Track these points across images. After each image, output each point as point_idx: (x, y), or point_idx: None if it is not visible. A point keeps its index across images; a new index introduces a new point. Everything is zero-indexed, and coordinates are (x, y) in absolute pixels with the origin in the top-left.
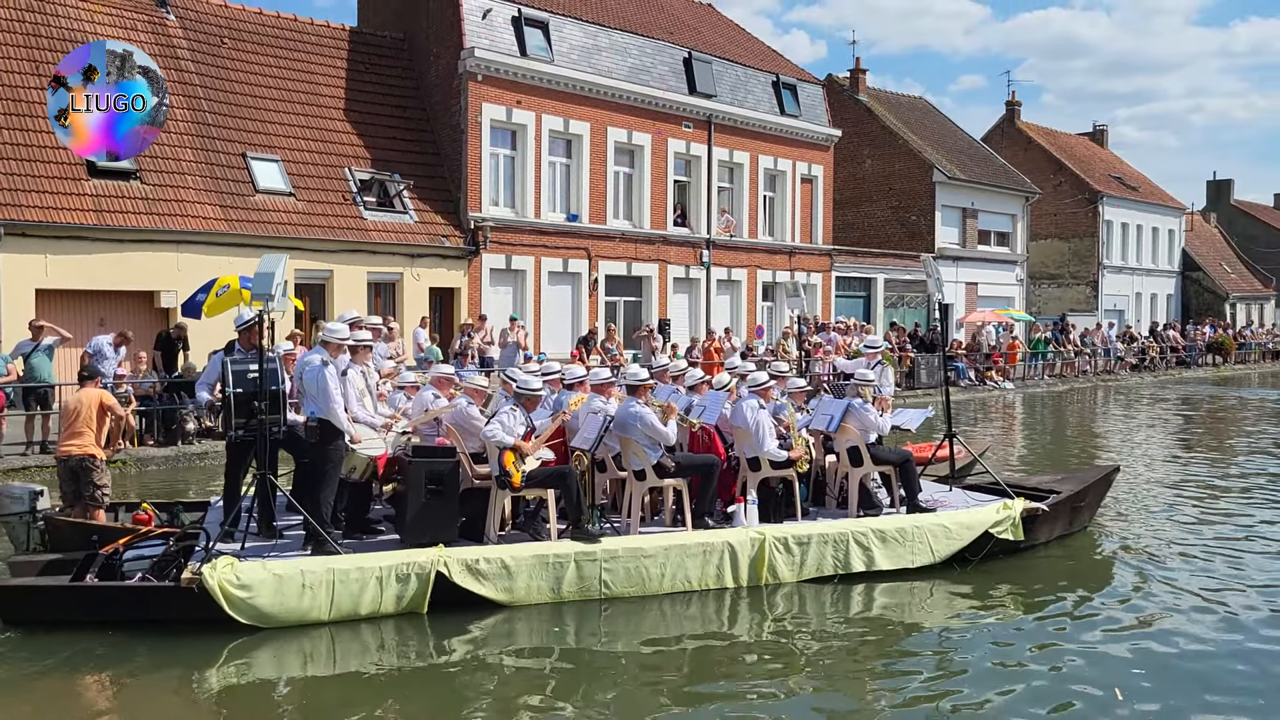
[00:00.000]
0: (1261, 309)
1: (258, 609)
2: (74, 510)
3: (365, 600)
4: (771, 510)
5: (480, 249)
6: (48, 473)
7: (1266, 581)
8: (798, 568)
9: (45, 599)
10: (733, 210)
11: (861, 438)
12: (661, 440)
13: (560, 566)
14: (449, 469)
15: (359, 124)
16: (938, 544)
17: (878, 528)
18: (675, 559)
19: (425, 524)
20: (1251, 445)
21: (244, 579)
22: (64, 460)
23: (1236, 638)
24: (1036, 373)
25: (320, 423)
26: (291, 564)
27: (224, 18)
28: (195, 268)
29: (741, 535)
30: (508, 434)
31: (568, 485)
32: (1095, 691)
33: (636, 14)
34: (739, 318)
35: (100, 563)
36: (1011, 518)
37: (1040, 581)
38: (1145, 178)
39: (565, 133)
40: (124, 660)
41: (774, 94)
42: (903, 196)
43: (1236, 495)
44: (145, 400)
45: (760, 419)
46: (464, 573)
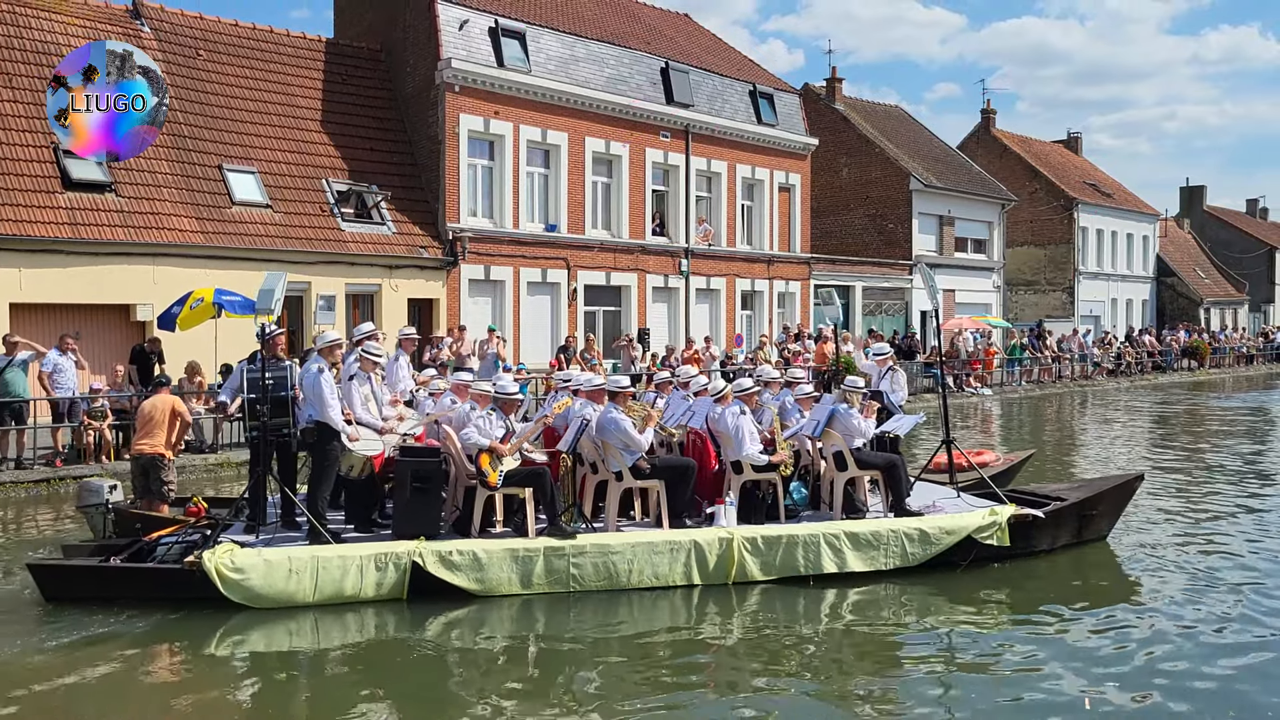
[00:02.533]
0: (1235, 314)
1: (249, 590)
2: (143, 503)
3: (347, 586)
4: (753, 512)
5: (459, 259)
6: (22, 489)
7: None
8: (768, 568)
9: (72, 578)
10: (711, 219)
11: (845, 442)
12: (634, 447)
13: (530, 560)
14: (433, 468)
15: (336, 135)
16: (914, 548)
17: (850, 530)
18: (642, 556)
19: (411, 518)
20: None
21: (238, 563)
22: (136, 458)
23: (1230, 661)
24: (1014, 379)
25: (317, 425)
26: (281, 551)
27: (199, 29)
28: (171, 281)
29: (710, 534)
30: (483, 437)
31: (543, 484)
32: (1063, 698)
33: (613, 24)
34: (718, 326)
35: (136, 548)
36: (998, 524)
37: (1025, 589)
38: (1119, 184)
39: (543, 143)
40: (129, 633)
41: (751, 103)
42: (880, 204)
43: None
44: (120, 414)
45: (741, 423)
46: (438, 563)
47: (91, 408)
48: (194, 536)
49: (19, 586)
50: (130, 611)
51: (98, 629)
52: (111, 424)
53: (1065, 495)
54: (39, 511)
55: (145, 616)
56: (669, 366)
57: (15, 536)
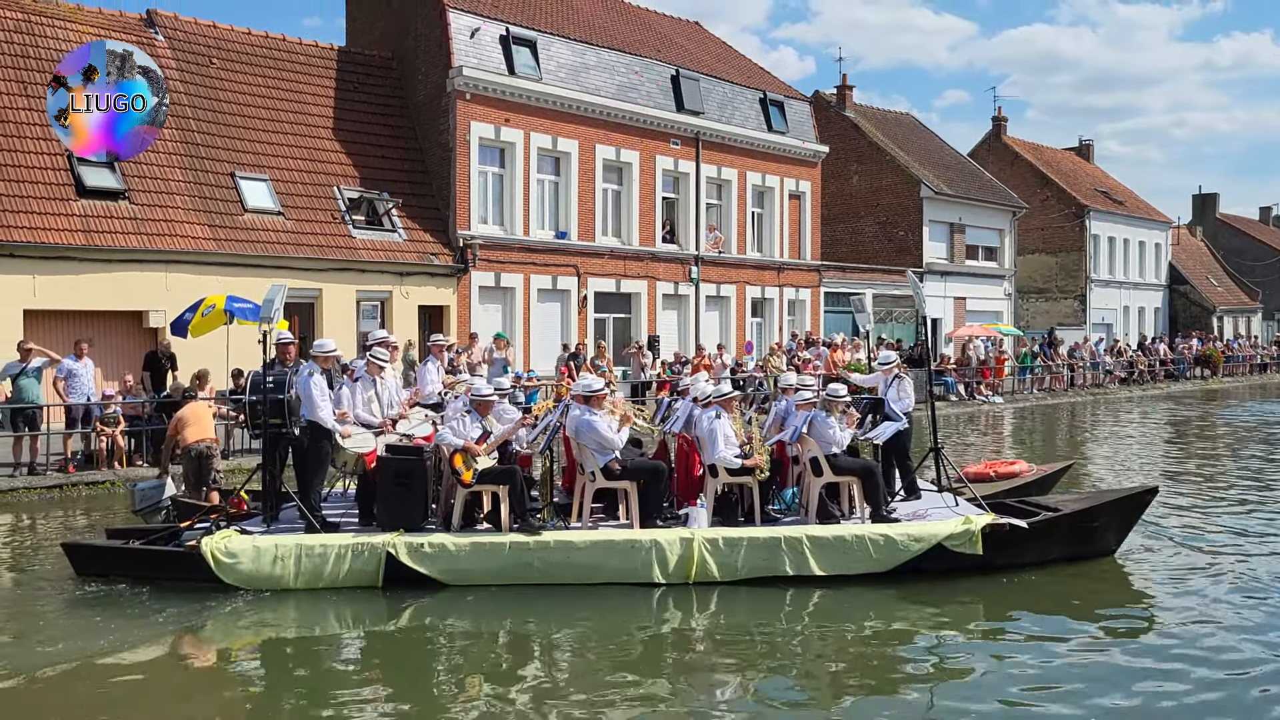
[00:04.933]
0: (1249, 322)
1: (239, 573)
2: (195, 494)
3: (325, 573)
4: (727, 514)
5: (469, 267)
6: (34, 494)
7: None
8: (728, 569)
9: (96, 556)
10: (721, 226)
11: (821, 449)
12: (608, 447)
13: (496, 553)
14: (412, 465)
15: (348, 143)
16: (880, 554)
17: (813, 534)
18: (602, 552)
19: (392, 512)
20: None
21: (230, 548)
22: (189, 449)
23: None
24: (1025, 387)
25: (309, 424)
26: (270, 538)
27: (212, 38)
28: (184, 287)
29: (671, 535)
30: (457, 437)
31: (514, 482)
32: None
33: (624, 32)
34: (728, 334)
35: (165, 534)
36: (971, 533)
37: (993, 601)
38: (1131, 192)
39: (553, 150)
40: (134, 604)
41: (761, 111)
42: (890, 212)
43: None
44: (134, 420)
45: (715, 428)
46: (409, 554)
47: (104, 414)
48: (205, 524)
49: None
50: (148, 588)
51: (106, 596)
52: (124, 430)
53: (1063, 506)
54: (56, 515)
55: (159, 597)
56: (676, 374)
57: (51, 534)
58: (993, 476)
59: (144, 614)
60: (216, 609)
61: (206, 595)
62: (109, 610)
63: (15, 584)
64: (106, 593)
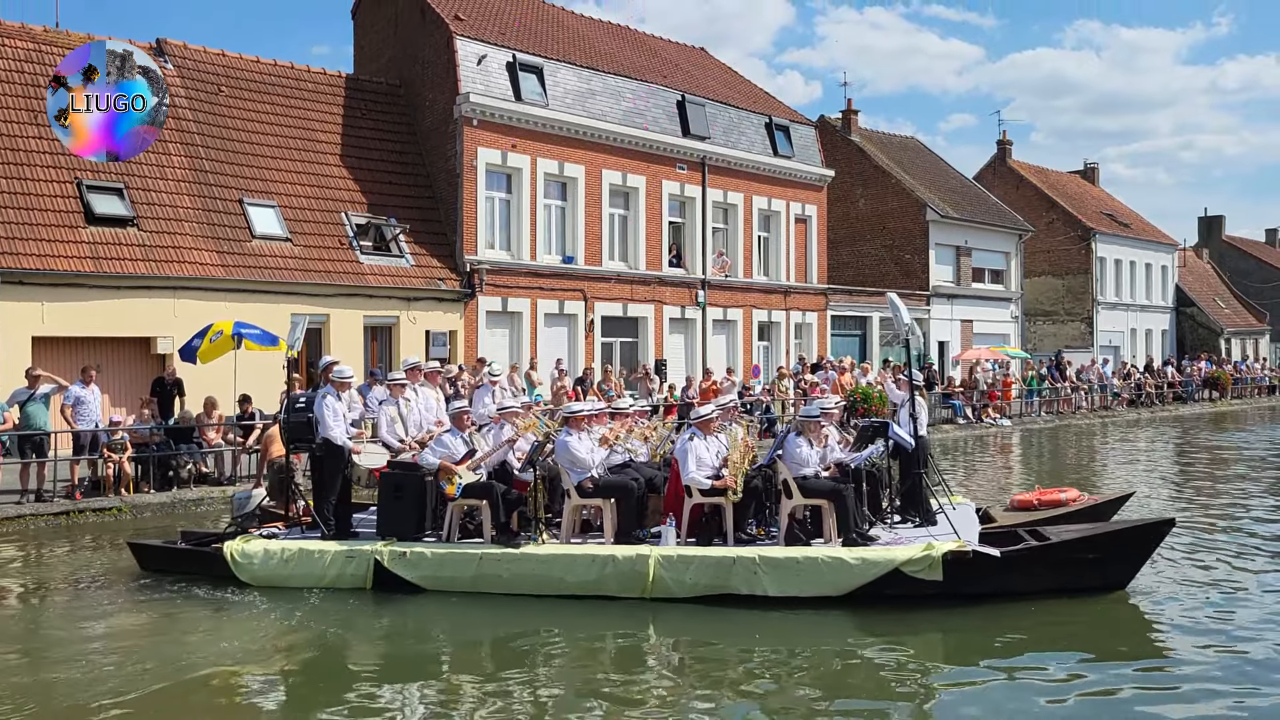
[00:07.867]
0: (1256, 344)
1: (252, 572)
2: (276, 503)
3: (322, 575)
4: (700, 533)
5: (476, 291)
6: (42, 521)
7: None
8: (683, 586)
9: (153, 554)
10: (727, 250)
11: (790, 471)
12: (580, 467)
13: (469, 563)
14: (409, 480)
15: (355, 169)
16: (836, 576)
17: (766, 555)
18: (563, 566)
19: (388, 522)
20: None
21: (246, 550)
22: (272, 462)
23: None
24: (1033, 409)
25: (324, 441)
26: (279, 542)
27: (221, 66)
28: (192, 314)
29: (629, 551)
30: (436, 457)
31: (492, 497)
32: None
33: (630, 58)
34: (735, 357)
35: (219, 537)
36: (930, 558)
37: (947, 629)
38: (1137, 214)
39: (560, 175)
40: (163, 597)
41: (767, 135)
42: (896, 235)
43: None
44: (141, 447)
45: (687, 449)
46: (394, 561)
47: (111, 440)
48: (269, 532)
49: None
50: (188, 581)
51: (153, 588)
52: (130, 456)
53: (1048, 534)
54: (60, 542)
55: (186, 590)
56: (688, 399)
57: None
58: (1036, 505)
59: (165, 601)
60: (228, 602)
61: (226, 588)
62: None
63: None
64: (140, 585)
